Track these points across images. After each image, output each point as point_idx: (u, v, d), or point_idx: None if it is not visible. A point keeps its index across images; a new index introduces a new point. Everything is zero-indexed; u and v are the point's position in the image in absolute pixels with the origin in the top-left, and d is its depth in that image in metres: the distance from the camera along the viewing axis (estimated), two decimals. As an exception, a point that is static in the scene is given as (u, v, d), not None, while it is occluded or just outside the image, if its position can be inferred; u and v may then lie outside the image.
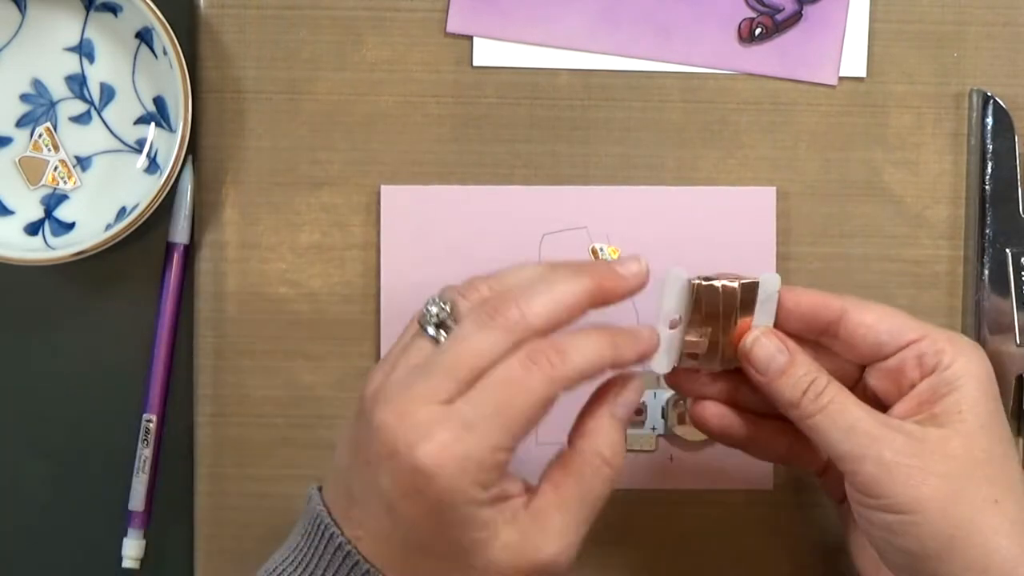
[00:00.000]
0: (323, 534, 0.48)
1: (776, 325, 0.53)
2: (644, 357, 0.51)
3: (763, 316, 0.53)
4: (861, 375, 0.53)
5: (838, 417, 0.50)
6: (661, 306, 0.53)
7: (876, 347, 0.52)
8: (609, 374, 0.51)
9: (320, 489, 0.51)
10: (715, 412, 0.55)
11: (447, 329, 0.49)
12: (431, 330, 0.49)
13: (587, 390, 0.51)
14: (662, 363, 0.53)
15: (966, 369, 0.50)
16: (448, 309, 0.49)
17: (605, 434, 0.50)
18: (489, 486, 0.46)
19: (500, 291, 0.49)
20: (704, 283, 0.52)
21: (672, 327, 0.53)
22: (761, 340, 0.52)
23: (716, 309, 0.52)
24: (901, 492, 0.48)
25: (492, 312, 0.48)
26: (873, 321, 0.51)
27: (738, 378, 0.54)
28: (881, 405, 0.52)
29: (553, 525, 0.48)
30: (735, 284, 0.52)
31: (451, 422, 0.46)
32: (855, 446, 0.49)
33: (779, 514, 0.62)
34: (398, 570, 0.48)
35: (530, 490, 0.49)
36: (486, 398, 0.46)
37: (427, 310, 0.49)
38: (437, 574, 0.48)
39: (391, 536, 0.47)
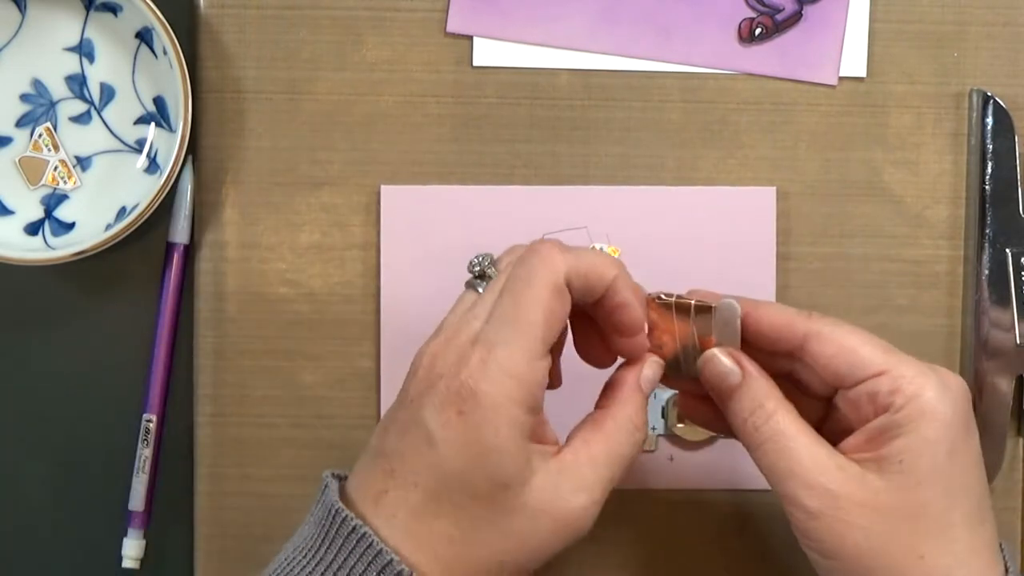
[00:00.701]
0: (335, 519, 0.48)
1: (744, 342, 0.52)
2: (631, 311, 0.50)
3: (725, 339, 0.52)
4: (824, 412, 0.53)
5: (777, 458, 0.49)
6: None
7: (835, 379, 0.51)
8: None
9: (341, 478, 0.51)
10: (694, 404, 0.55)
11: (487, 279, 0.51)
12: (475, 283, 0.51)
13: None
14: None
15: (919, 410, 0.48)
16: (489, 260, 0.51)
17: (634, 402, 0.50)
18: (533, 408, 0.47)
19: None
20: (659, 299, 0.52)
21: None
22: (715, 358, 0.52)
23: (671, 323, 0.52)
24: (827, 540, 0.49)
25: (531, 247, 0.50)
26: (832, 354, 0.50)
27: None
28: (846, 428, 0.51)
29: (583, 477, 0.48)
30: (690, 301, 0.52)
31: (484, 343, 0.47)
32: (790, 490, 0.49)
33: (779, 514, 0.62)
34: (422, 534, 0.47)
35: (560, 445, 0.50)
36: (504, 311, 0.48)
37: (471, 263, 0.52)
38: (465, 524, 0.47)
39: (426, 480, 0.47)
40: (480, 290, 0.51)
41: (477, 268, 0.52)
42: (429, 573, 0.47)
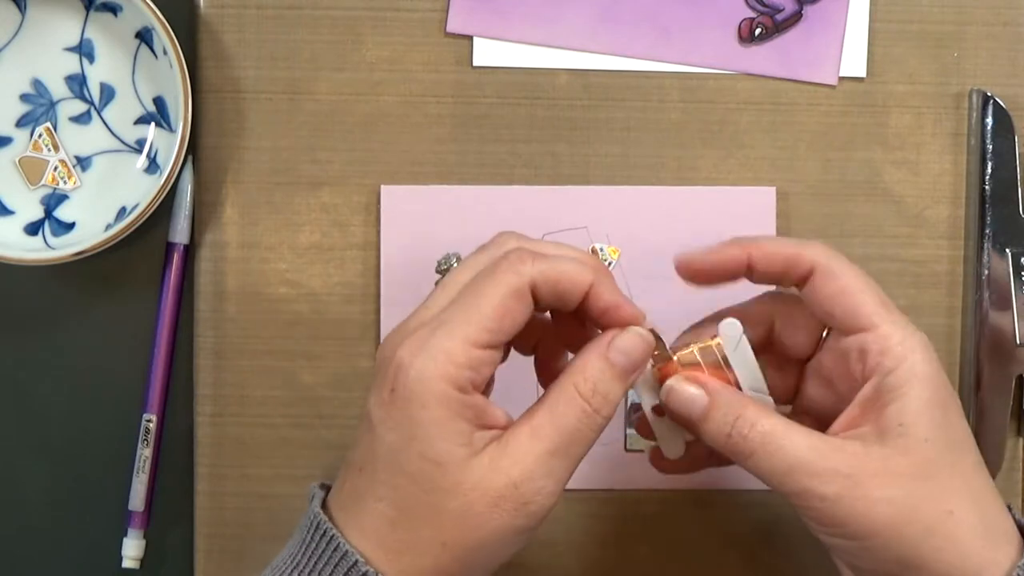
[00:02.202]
0: (322, 535, 0.48)
1: (751, 270, 0.51)
2: (625, 319, 0.49)
3: (743, 367, 0.51)
4: (799, 379, 0.54)
5: (774, 459, 0.48)
6: (641, 400, 0.52)
7: (829, 318, 0.51)
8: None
9: (326, 488, 0.51)
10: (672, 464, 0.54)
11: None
12: (440, 278, 0.51)
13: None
14: (670, 449, 0.52)
15: (911, 373, 0.48)
16: (456, 259, 0.52)
17: (589, 369, 0.48)
18: (463, 388, 0.47)
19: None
20: (659, 363, 0.51)
21: (660, 414, 0.52)
22: (675, 389, 0.50)
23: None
24: (852, 522, 0.48)
25: (493, 240, 0.50)
26: (833, 293, 0.50)
27: None
28: (834, 395, 0.51)
29: (521, 449, 0.47)
30: (692, 350, 0.51)
31: (428, 327, 0.47)
32: (797, 485, 0.48)
33: (779, 514, 0.62)
34: (366, 519, 0.47)
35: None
36: (460, 300, 0.48)
37: (438, 263, 0.52)
38: (401, 504, 0.47)
39: (368, 463, 0.47)
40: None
41: (444, 266, 0.52)
42: (376, 560, 0.47)
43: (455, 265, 0.51)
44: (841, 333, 0.50)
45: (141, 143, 0.61)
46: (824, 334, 0.53)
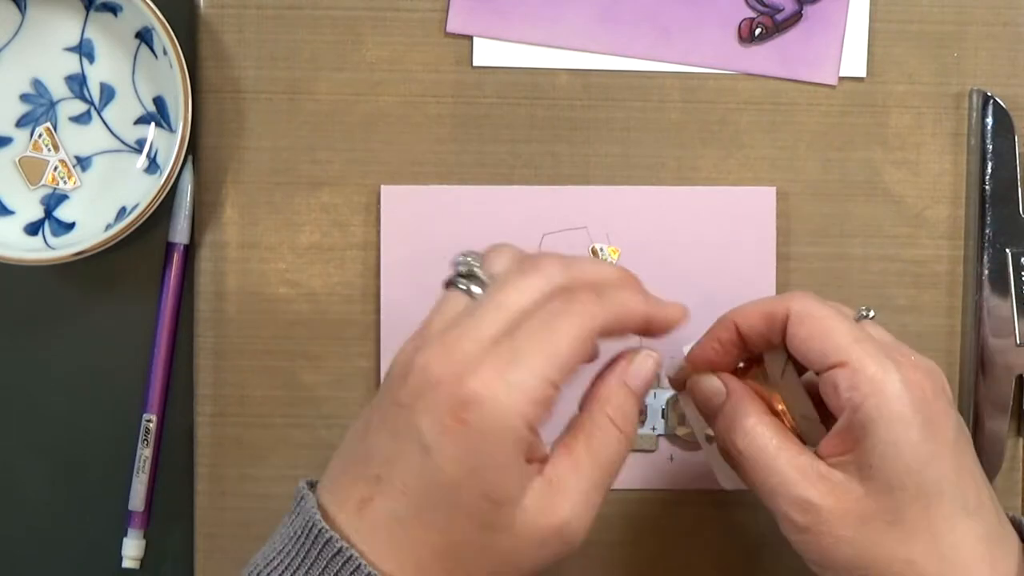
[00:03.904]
0: (311, 533, 0.46)
1: (740, 335, 0.52)
2: (672, 322, 0.50)
3: (789, 393, 0.52)
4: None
5: (763, 476, 0.50)
6: (693, 427, 0.54)
7: (807, 362, 0.51)
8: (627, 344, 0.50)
9: (313, 486, 0.49)
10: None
11: (476, 280, 0.48)
12: (462, 283, 0.48)
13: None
14: (726, 480, 0.54)
15: (878, 412, 0.47)
16: (476, 261, 0.49)
17: (615, 398, 0.49)
18: (535, 424, 0.45)
19: (536, 255, 0.50)
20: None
21: (712, 441, 0.53)
22: (702, 378, 0.52)
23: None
24: (817, 553, 0.49)
25: (534, 262, 0.48)
26: (805, 336, 0.50)
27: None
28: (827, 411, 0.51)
29: (567, 487, 0.47)
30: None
31: (499, 355, 0.45)
32: (777, 508, 0.49)
33: (779, 514, 0.62)
34: (406, 543, 0.46)
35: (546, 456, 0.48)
36: (531, 332, 0.46)
37: (456, 262, 0.49)
38: (453, 536, 0.46)
39: (416, 488, 0.45)
40: (464, 288, 0.48)
41: (463, 267, 0.49)
42: None
43: (476, 267, 0.49)
44: (817, 372, 0.50)
45: (141, 143, 0.61)
46: None
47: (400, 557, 0.46)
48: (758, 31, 0.62)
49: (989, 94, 0.61)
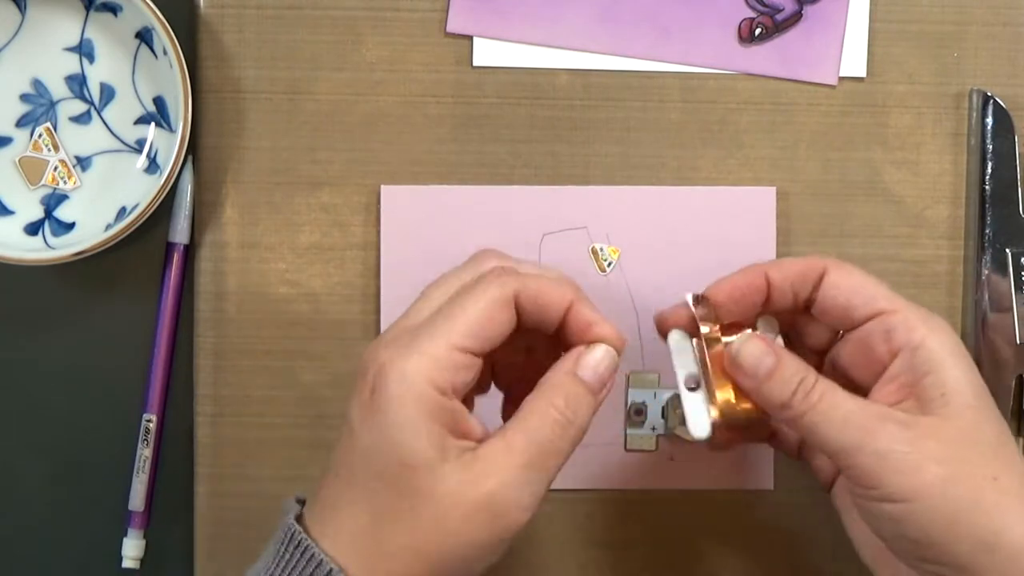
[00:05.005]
0: (296, 545, 0.48)
1: (767, 299, 0.53)
2: (603, 335, 0.50)
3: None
4: (820, 366, 0.55)
5: (830, 412, 0.49)
6: (675, 372, 0.53)
7: (847, 311, 0.52)
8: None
9: (302, 503, 0.51)
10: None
11: None
12: None
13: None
14: (698, 427, 0.52)
15: (941, 348, 0.50)
16: None
17: (561, 386, 0.49)
18: (443, 390, 0.47)
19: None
20: (707, 340, 0.52)
21: (692, 388, 0.53)
22: (748, 345, 0.51)
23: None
24: (899, 481, 0.48)
25: (473, 258, 0.51)
26: (848, 284, 0.52)
27: None
28: (852, 385, 0.52)
29: (496, 461, 0.47)
30: (734, 339, 0.52)
31: (412, 333, 0.48)
32: (849, 439, 0.48)
33: (779, 514, 0.62)
34: (342, 525, 0.47)
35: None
36: (444, 308, 0.48)
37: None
38: (377, 509, 0.47)
39: (344, 468, 0.47)
40: None
41: None
42: (352, 568, 0.46)
43: None
44: (861, 322, 0.52)
45: (141, 143, 0.61)
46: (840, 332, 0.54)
47: (339, 539, 0.47)
48: (758, 31, 0.62)
49: (989, 94, 0.61)
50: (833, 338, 0.55)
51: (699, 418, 0.52)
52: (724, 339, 0.52)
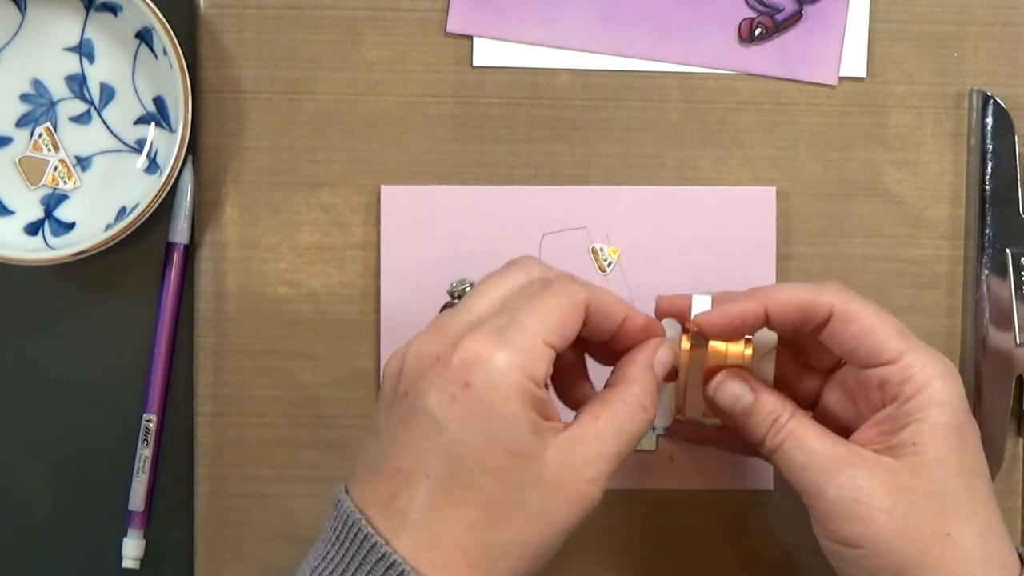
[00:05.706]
0: (355, 537, 0.47)
1: (769, 321, 0.53)
2: (649, 332, 0.52)
3: (762, 368, 0.54)
4: (823, 386, 0.55)
5: (795, 453, 0.50)
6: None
7: (850, 356, 0.52)
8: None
9: (347, 490, 0.49)
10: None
11: None
12: (456, 303, 0.52)
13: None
14: (659, 417, 0.55)
15: (929, 400, 0.50)
16: (469, 284, 0.53)
17: (643, 379, 0.51)
18: (538, 379, 0.47)
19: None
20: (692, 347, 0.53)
21: (668, 380, 0.54)
22: (725, 384, 0.53)
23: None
24: (851, 528, 0.49)
25: (515, 261, 0.51)
26: (852, 333, 0.51)
27: None
28: (853, 410, 0.53)
29: (591, 451, 0.48)
30: (725, 348, 0.53)
31: (492, 323, 0.48)
32: (809, 482, 0.50)
33: (779, 514, 0.62)
34: (440, 526, 0.46)
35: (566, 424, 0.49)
36: (519, 304, 0.48)
37: (451, 288, 0.55)
38: (485, 503, 0.46)
39: (436, 468, 0.46)
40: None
41: (458, 291, 0.54)
42: (451, 567, 0.46)
43: (468, 290, 0.52)
44: (863, 368, 0.51)
45: (141, 143, 0.61)
46: None
47: (436, 541, 0.46)
48: (758, 31, 0.62)
49: (989, 94, 0.61)
50: (836, 363, 0.55)
51: (662, 410, 0.54)
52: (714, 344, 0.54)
